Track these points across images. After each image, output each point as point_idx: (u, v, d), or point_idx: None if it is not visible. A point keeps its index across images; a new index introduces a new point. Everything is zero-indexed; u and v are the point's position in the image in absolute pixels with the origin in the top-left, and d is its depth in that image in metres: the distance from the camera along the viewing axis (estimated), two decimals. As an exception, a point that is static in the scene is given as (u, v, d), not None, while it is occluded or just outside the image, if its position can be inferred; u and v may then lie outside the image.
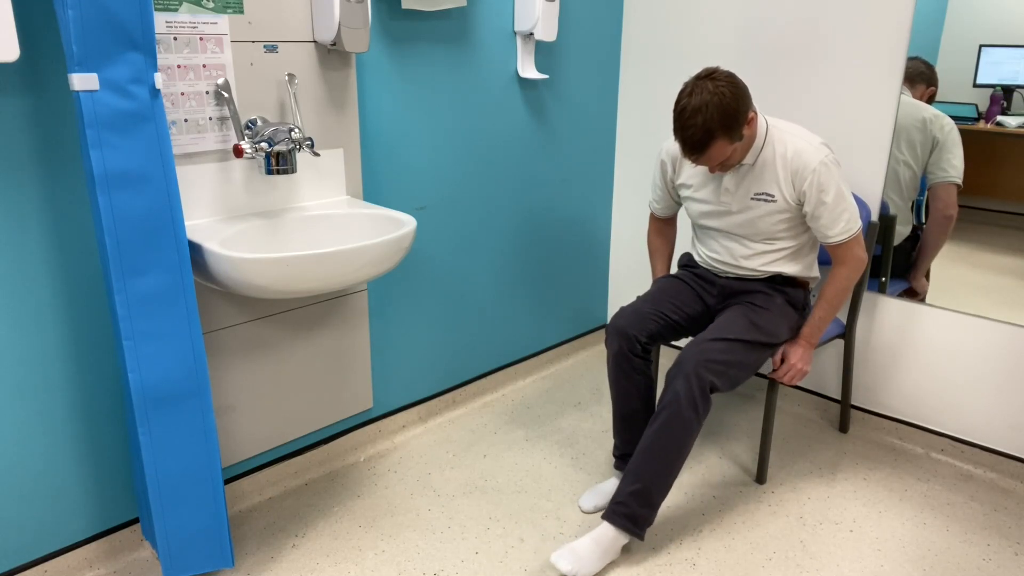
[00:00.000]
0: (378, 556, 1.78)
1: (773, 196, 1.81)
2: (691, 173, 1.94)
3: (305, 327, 1.93)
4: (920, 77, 2.06)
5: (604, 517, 1.73)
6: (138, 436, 1.47)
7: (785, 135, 1.80)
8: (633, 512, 1.71)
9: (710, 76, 1.65)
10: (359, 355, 2.09)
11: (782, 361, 1.91)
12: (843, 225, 1.79)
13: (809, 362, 1.91)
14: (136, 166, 1.34)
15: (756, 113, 1.74)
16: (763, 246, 1.89)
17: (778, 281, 1.93)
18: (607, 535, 1.72)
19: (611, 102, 2.72)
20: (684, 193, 1.98)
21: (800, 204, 1.80)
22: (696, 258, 2.05)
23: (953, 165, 2.06)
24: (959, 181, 2.05)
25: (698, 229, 2.02)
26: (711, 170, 1.78)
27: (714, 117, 1.62)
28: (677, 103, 1.67)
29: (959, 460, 2.20)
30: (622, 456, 1.99)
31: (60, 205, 1.49)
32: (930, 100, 2.06)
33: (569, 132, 2.58)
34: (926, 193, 2.13)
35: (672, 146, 1.98)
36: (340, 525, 1.89)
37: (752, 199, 1.83)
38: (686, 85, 1.68)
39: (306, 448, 2.08)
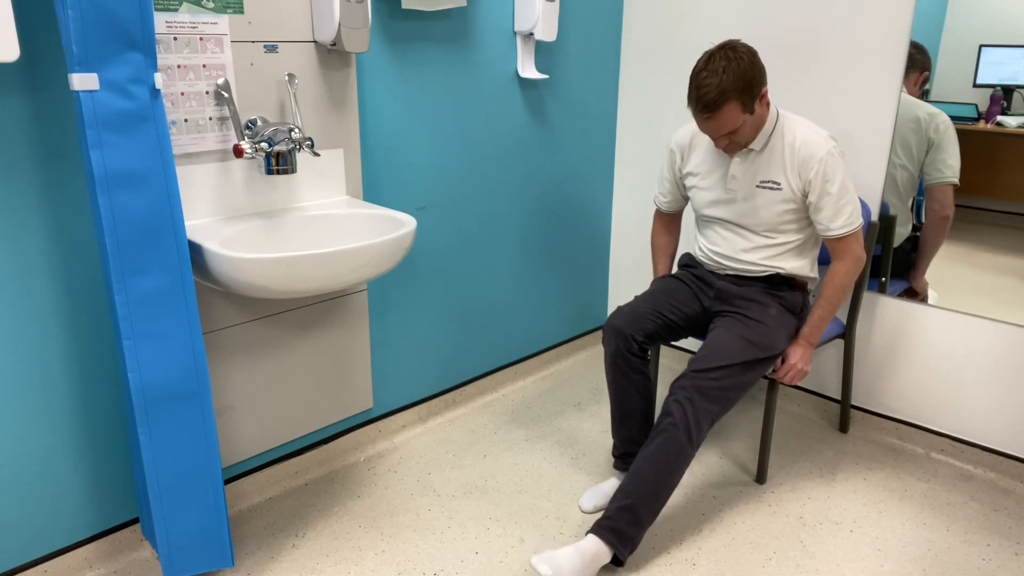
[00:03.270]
0: (378, 556, 1.78)
1: (779, 184, 1.82)
2: (699, 161, 1.95)
3: (305, 327, 1.93)
4: (912, 64, 2.05)
5: (590, 530, 1.71)
6: (138, 436, 1.47)
7: (795, 125, 1.82)
8: (619, 527, 1.68)
9: (730, 46, 1.68)
10: (359, 355, 2.09)
11: (782, 361, 1.91)
12: (845, 219, 1.79)
13: (809, 362, 1.91)
14: (136, 166, 1.34)
15: (769, 99, 1.77)
16: (764, 239, 1.89)
17: (776, 282, 1.92)
18: (590, 548, 1.67)
19: (611, 102, 2.72)
20: (690, 182, 1.98)
21: (805, 194, 1.81)
22: (697, 252, 2.05)
23: (949, 165, 2.06)
24: (955, 181, 2.05)
25: (701, 222, 2.02)
26: (718, 144, 1.78)
27: (730, 79, 1.65)
28: (695, 67, 1.70)
29: (959, 460, 2.20)
30: (621, 456, 1.99)
31: (60, 205, 1.49)
32: (924, 84, 2.05)
33: (569, 132, 2.58)
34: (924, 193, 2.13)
35: (682, 136, 1.98)
36: (340, 525, 1.89)
37: (758, 186, 1.84)
38: (705, 52, 1.70)
39: (306, 448, 2.08)
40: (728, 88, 1.65)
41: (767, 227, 1.87)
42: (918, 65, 2.04)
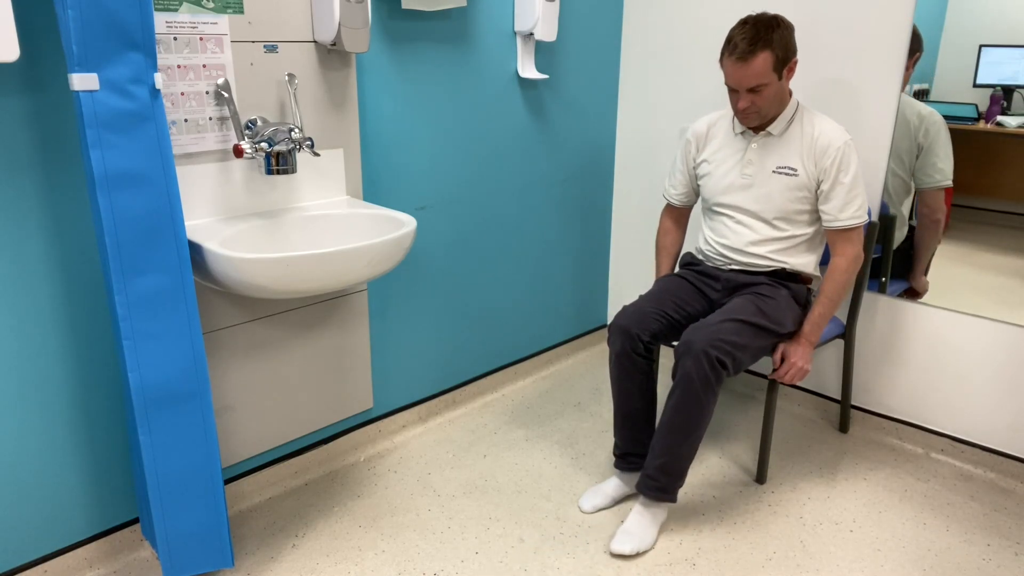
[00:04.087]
0: (378, 556, 1.78)
1: (795, 170, 1.85)
2: (715, 149, 1.97)
3: (305, 327, 1.93)
4: None
5: (639, 491, 1.84)
6: (138, 436, 1.47)
7: (814, 117, 1.87)
8: (661, 484, 1.82)
9: (771, 14, 1.79)
10: (359, 355, 2.09)
11: (782, 360, 1.91)
12: (854, 210, 1.83)
13: (810, 361, 1.91)
14: (136, 166, 1.34)
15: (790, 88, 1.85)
16: (773, 231, 1.90)
17: (781, 276, 1.94)
18: (647, 506, 1.84)
19: (611, 102, 2.72)
20: (704, 170, 2.00)
21: (819, 182, 1.84)
22: (702, 245, 2.05)
23: (939, 169, 2.06)
24: (946, 184, 2.05)
25: (710, 214, 2.03)
26: (740, 104, 1.80)
27: (769, 34, 1.74)
28: (734, 26, 1.79)
29: (959, 460, 2.20)
30: (623, 455, 1.99)
31: (60, 205, 1.49)
32: (915, 65, 2.04)
33: (569, 132, 2.58)
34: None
35: (699, 126, 2.02)
36: (340, 525, 1.89)
37: (774, 172, 1.87)
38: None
39: (306, 448, 2.08)
40: (766, 38, 1.73)
41: (779, 214, 1.89)
42: (909, 50, 2.04)
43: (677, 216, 2.16)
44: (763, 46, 1.73)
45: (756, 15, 1.77)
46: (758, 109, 1.81)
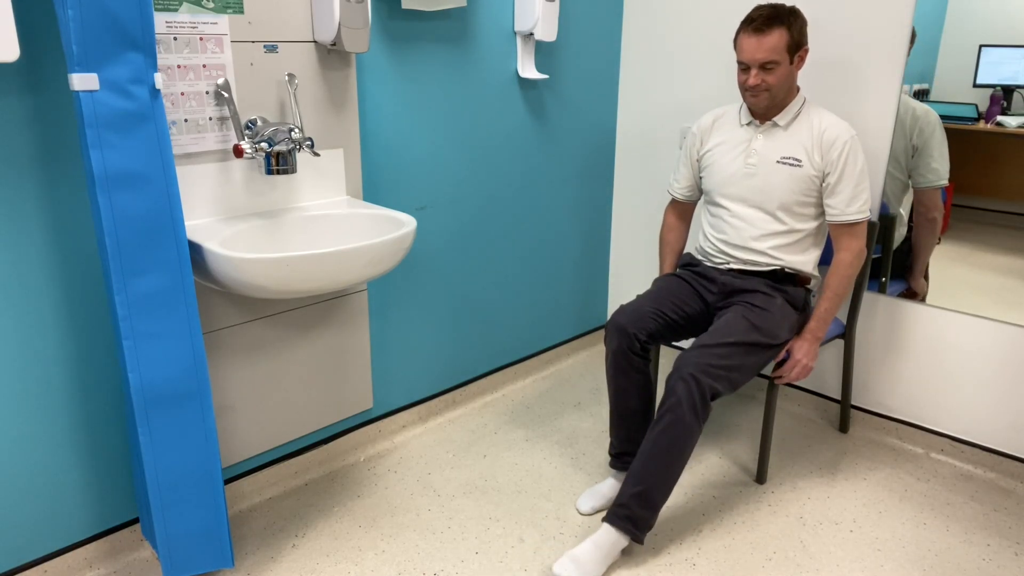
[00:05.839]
0: (378, 556, 1.78)
1: (800, 161, 1.87)
2: (720, 140, 1.99)
3: (305, 327, 1.93)
4: None
5: (605, 519, 1.73)
6: (138, 436, 1.47)
7: (821, 112, 1.90)
8: (634, 514, 1.70)
9: (788, 5, 1.83)
10: (359, 355, 2.09)
11: (787, 355, 1.91)
12: (860, 204, 1.85)
13: (815, 358, 1.91)
14: (136, 166, 1.34)
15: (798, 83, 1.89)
16: (775, 224, 1.91)
17: (779, 277, 1.93)
18: (608, 538, 1.70)
19: (611, 102, 2.72)
20: (708, 160, 2.01)
21: (824, 176, 1.85)
22: (702, 242, 2.06)
23: (932, 169, 2.06)
24: (941, 183, 2.06)
25: (711, 209, 2.04)
26: (751, 81, 1.82)
27: (786, 15, 1.79)
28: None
29: (959, 460, 2.20)
30: (618, 455, 1.99)
31: (60, 205, 1.49)
32: (907, 55, 2.04)
33: (569, 132, 2.58)
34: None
35: (704, 120, 2.05)
36: (340, 525, 1.89)
37: (778, 162, 1.89)
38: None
39: (306, 448, 2.08)
40: (784, 18, 1.78)
41: (781, 206, 1.90)
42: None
43: (681, 212, 2.17)
44: (780, 24, 1.78)
45: (774, 2, 1.82)
46: (768, 87, 1.82)
